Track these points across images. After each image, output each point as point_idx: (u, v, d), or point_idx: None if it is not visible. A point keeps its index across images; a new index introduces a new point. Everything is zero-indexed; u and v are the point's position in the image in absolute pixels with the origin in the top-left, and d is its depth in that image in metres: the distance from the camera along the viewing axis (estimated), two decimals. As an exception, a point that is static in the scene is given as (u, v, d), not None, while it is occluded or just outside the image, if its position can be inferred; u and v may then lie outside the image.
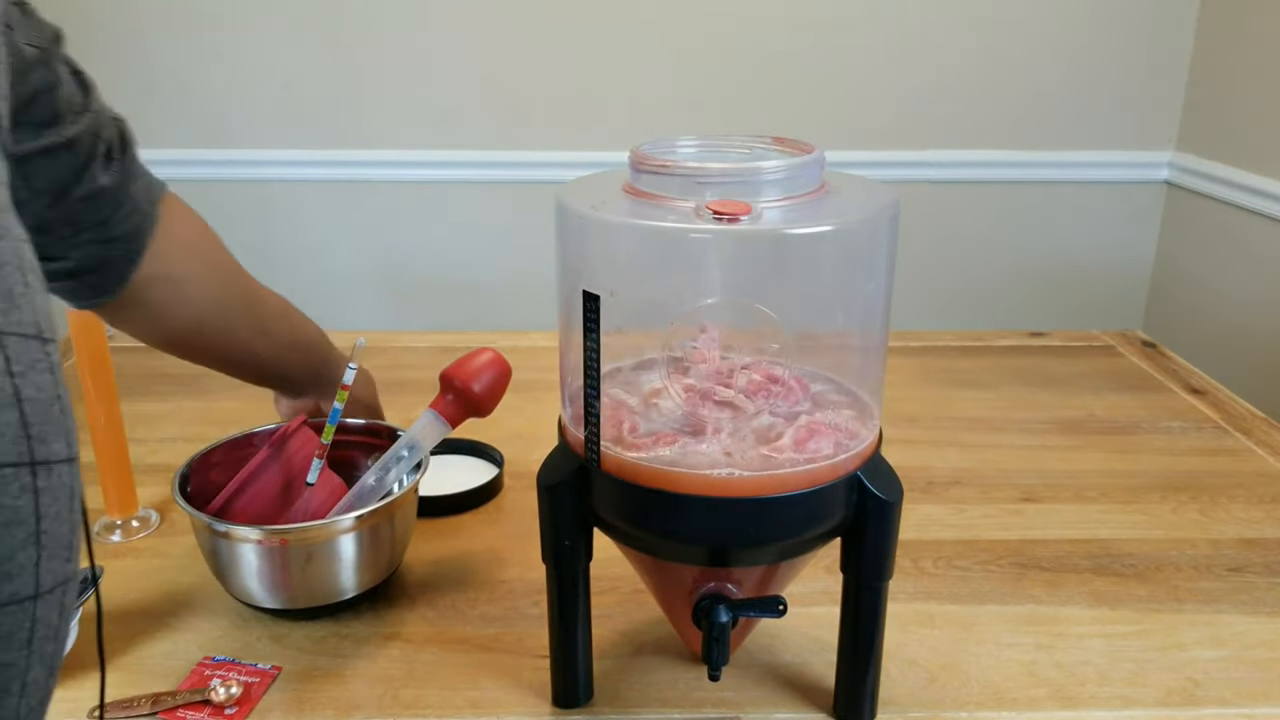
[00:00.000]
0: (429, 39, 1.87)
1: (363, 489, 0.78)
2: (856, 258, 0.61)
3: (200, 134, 1.90)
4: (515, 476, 1.00)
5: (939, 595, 0.82)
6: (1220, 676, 0.73)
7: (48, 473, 0.37)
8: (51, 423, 0.37)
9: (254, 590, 0.75)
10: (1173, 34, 1.84)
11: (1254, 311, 1.67)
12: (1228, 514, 0.95)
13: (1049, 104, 1.89)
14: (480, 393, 0.78)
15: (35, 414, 0.36)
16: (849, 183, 0.64)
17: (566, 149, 1.92)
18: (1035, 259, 1.98)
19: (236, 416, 1.10)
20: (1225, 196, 1.74)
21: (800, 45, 1.86)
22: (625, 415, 0.62)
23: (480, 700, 0.70)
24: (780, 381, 0.62)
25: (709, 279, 0.61)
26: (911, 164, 1.92)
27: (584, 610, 0.67)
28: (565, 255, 0.62)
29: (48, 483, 0.37)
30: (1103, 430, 1.12)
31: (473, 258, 2.00)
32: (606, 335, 0.57)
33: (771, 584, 0.66)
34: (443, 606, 0.80)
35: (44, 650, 0.38)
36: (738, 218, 0.55)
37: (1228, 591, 0.83)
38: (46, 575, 0.37)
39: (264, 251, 1.94)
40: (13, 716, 0.37)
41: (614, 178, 0.63)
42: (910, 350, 1.35)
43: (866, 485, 0.61)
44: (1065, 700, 0.70)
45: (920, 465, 1.04)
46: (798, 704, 0.70)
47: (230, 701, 0.68)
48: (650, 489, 0.58)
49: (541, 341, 1.34)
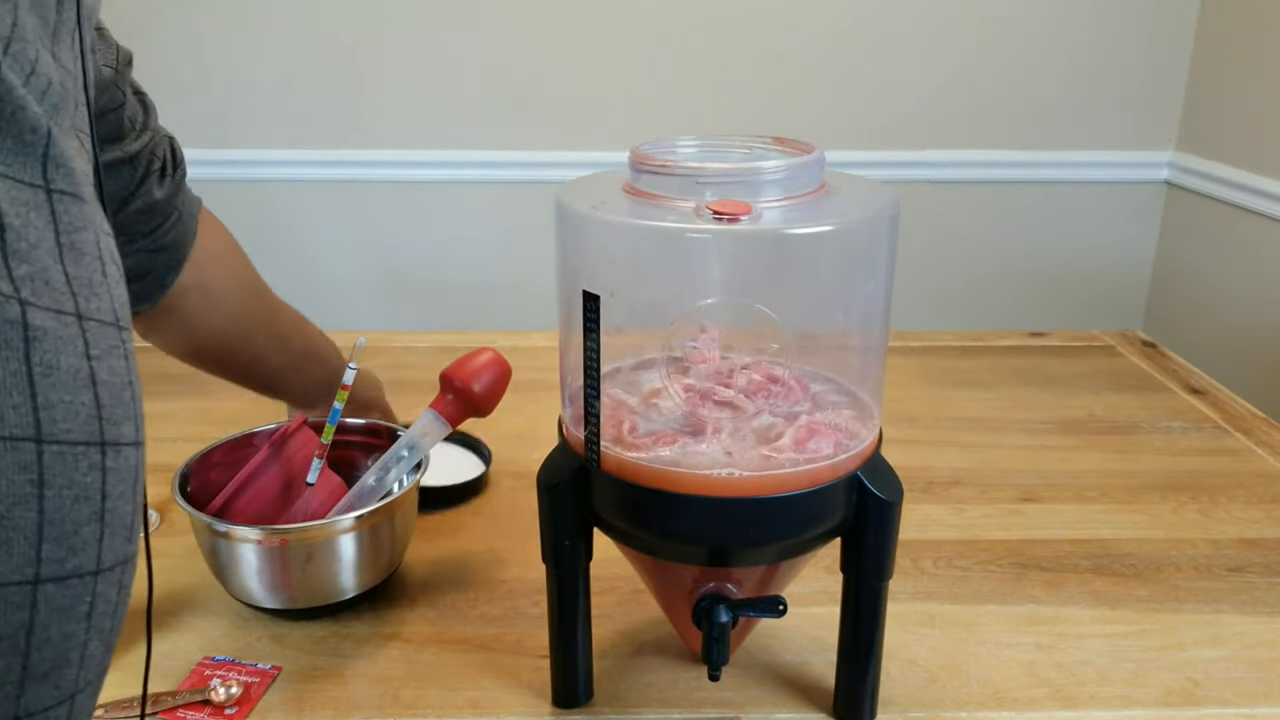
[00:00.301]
0: (429, 39, 1.86)
1: (363, 489, 0.78)
2: (856, 258, 0.61)
3: (200, 134, 1.90)
4: (515, 476, 1.00)
5: (939, 595, 0.82)
6: (1220, 676, 0.73)
7: (116, 454, 0.38)
8: (122, 406, 0.39)
9: (254, 590, 0.75)
10: (1173, 34, 1.84)
11: (1254, 311, 1.67)
12: (1228, 514, 0.95)
13: (1049, 104, 1.89)
14: (480, 393, 0.78)
15: (108, 397, 0.38)
16: (849, 183, 0.64)
17: (566, 149, 1.92)
18: (1035, 259, 1.98)
19: (236, 416, 1.10)
20: (1225, 196, 1.74)
21: (800, 45, 1.86)
22: (625, 415, 0.62)
23: (480, 700, 0.70)
24: (780, 381, 0.62)
25: (709, 279, 0.61)
26: (911, 164, 1.92)
27: (584, 610, 0.67)
28: (565, 255, 0.62)
29: (115, 464, 0.38)
30: (1103, 430, 1.12)
31: (473, 258, 2.00)
32: (606, 335, 0.57)
33: (771, 584, 0.66)
34: (443, 606, 0.80)
35: (102, 626, 0.39)
36: (738, 218, 0.56)
37: (1228, 591, 0.83)
38: (108, 552, 0.38)
39: (264, 251, 1.93)
40: (71, 686, 0.38)
41: (614, 178, 0.63)
42: (910, 350, 1.35)
43: (866, 485, 0.61)
44: (1065, 700, 0.70)
45: (920, 465, 1.04)
46: (798, 704, 0.70)
47: (230, 701, 0.68)
48: (650, 489, 0.58)
49: (541, 341, 1.34)
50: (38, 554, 0.35)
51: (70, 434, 0.36)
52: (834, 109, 1.89)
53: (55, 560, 0.36)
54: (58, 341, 0.36)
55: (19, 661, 0.35)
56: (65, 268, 0.37)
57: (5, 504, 0.34)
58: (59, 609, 0.36)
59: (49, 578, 0.36)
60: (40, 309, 0.35)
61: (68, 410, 0.36)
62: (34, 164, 0.36)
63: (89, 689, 0.40)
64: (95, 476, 0.37)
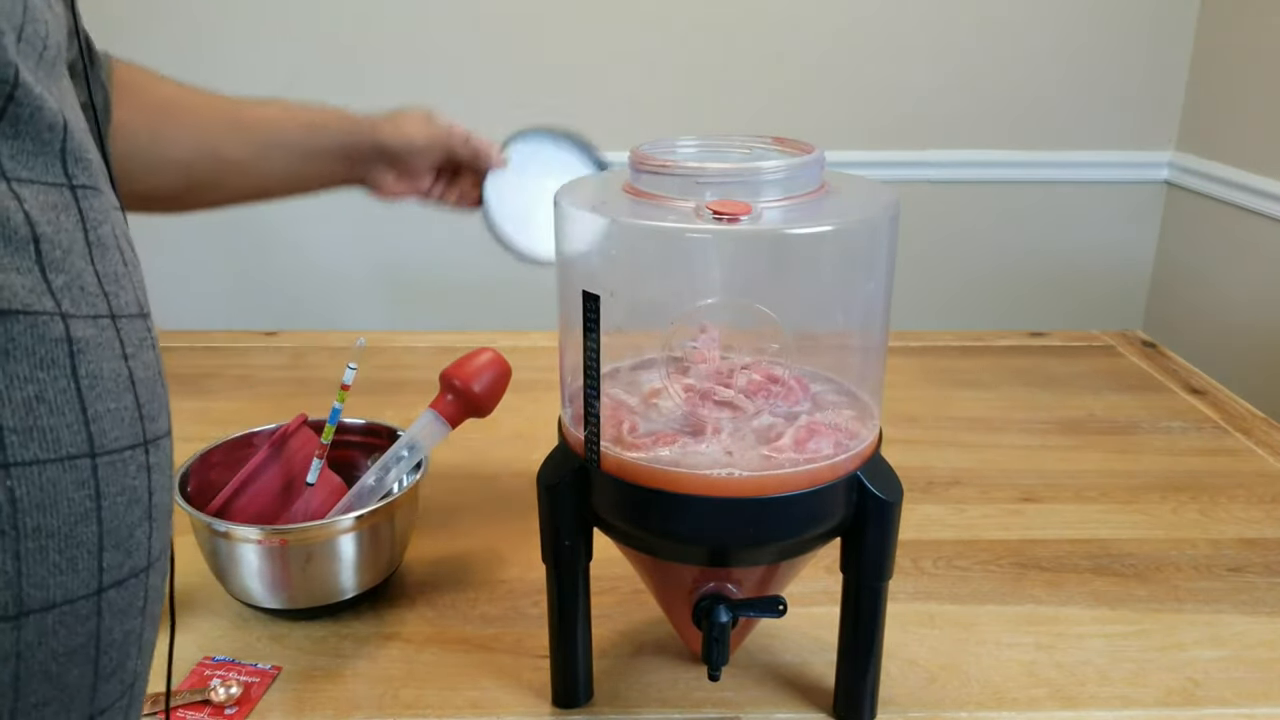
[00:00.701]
0: (429, 39, 1.86)
1: (363, 489, 0.78)
2: (856, 258, 0.61)
3: (200, 134, 1.90)
4: (515, 476, 1.00)
5: (939, 595, 0.82)
6: (1220, 676, 0.73)
7: (157, 449, 0.38)
8: (157, 399, 0.39)
9: (254, 590, 0.75)
10: (1173, 34, 1.84)
11: (1254, 311, 1.67)
12: (1228, 514, 0.95)
13: (1049, 104, 1.89)
14: (480, 393, 0.78)
15: (146, 393, 0.38)
16: (849, 183, 0.64)
17: (566, 149, 1.92)
18: (1035, 259, 1.98)
19: (236, 416, 1.10)
20: (1225, 196, 1.74)
21: (800, 45, 1.86)
22: (625, 415, 0.62)
23: (480, 700, 0.70)
24: (780, 381, 0.62)
25: (709, 279, 0.61)
26: (911, 164, 1.92)
27: (584, 610, 0.67)
28: (565, 255, 0.62)
29: (157, 459, 0.38)
30: (1103, 430, 1.12)
31: (473, 258, 1.99)
32: (606, 335, 0.57)
33: (771, 584, 0.66)
34: (443, 606, 0.80)
35: (154, 612, 0.40)
36: (738, 218, 0.56)
37: (1228, 591, 0.83)
38: (156, 545, 0.39)
39: (264, 251, 1.94)
40: (131, 676, 0.39)
41: (614, 178, 0.63)
42: (910, 350, 1.35)
43: (866, 485, 0.61)
44: (1065, 700, 0.70)
45: (920, 465, 1.04)
46: (798, 704, 0.70)
47: (230, 701, 0.68)
48: (650, 489, 0.58)
49: (541, 341, 1.34)
50: (100, 565, 0.35)
51: (119, 440, 0.36)
52: (834, 109, 1.89)
53: (115, 567, 0.36)
54: (99, 350, 0.35)
55: (91, 669, 0.36)
56: (95, 267, 0.36)
57: (68, 523, 0.34)
58: (120, 611, 0.37)
59: (110, 584, 0.36)
60: (80, 319, 0.35)
61: (115, 418, 0.36)
62: (54, 162, 0.35)
63: (145, 672, 0.40)
64: (142, 477, 0.37)
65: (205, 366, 1.26)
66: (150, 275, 0.41)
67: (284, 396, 1.18)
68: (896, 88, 1.88)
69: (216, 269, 1.96)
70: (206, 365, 1.27)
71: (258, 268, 1.97)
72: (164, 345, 0.92)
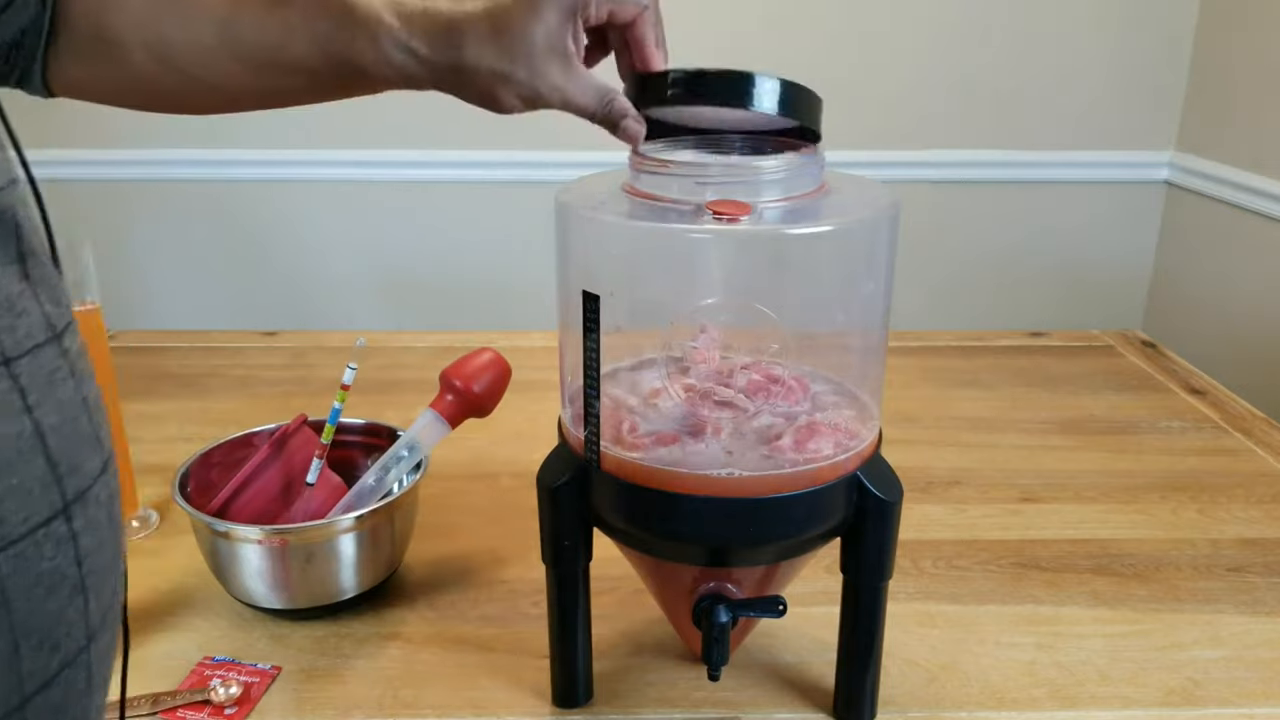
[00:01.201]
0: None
1: (363, 489, 0.78)
2: (856, 258, 0.61)
3: (200, 134, 1.90)
4: (515, 476, 1.00)
5: (939, 595, 0.82)
6: (1220, 676, 0.73)
7: (83, 506, 0.32)
8: (80, 438, 0.32)
9: (254, 590, 0.75)
10: (1173, 34, 1.84)
11: (1254, 311, 1.67)
12: (1228, 514, 0.95)
13: (1049, 104, 1.89)
14: (480, 393, 0.78)
15: (61, 443, 0.31)
16: (849, 183, 0.64)
17: (566, 149, 1.92)
18: (1035, 259, 1.98)
19: (236, 416, 1.11)
20: (1225, 196, 1.74)
21: (800, 45, 1.86)
22: (625, 415, 0.62)
23: (480, 700, 0.70)
24: (780, 381, 0.62)
25: (709, 279, 0.61)
26: (911, 164, 1.92)
27: (584, 610, 0.67)
28: (565, 255, 0.62)
29: (85, 516, 0.32)
30: (1102, 430, 1.12)
31: (473, 258, 2.00)
32: (606, 335, 0.57)
33: (771, 584, 0.66)
34: (443, 606, 0.80)
35: (104, 676, 0.35)
36: (738, 218, 0.56)
37: (1228, 591, 0.83)
38: (95, 615, 0.32)
39: (264, 251, 1.94)
40: None
41: (614, 178, 0.63)
42: (910, 350, 1.35)
43: (866, 485, 0.61)
44: (1065, 700, 0.70)
45: (920, 465, 1.04)
46: (798, 704, 0.70)
47: (230, 701, 0.68)
48: (650, 489, 0.58)
49: (541, 341, 1.34)
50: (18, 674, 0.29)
51: (27, 521, 0.29)
52: (834, 109, 1.89)
53: (39, 670, 0.30)
54: None
55: None
56: None
57: None
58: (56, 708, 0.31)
59: (36, 689, 0.30)
60: None
61: (18, 497, 0.29)
62: None
63: None
64: (66, 550, 0.30)
65: (205, 366, 1.26)
66: (150, 275, 0.40)
67: (284, 396, 1.18)
68: (896, 88, 1.88)
69: (216, 269, 1.96)
70: (206, 365, 1.27)
71: (258, 268, 1.97)
72: (164, 345, 0.91)
